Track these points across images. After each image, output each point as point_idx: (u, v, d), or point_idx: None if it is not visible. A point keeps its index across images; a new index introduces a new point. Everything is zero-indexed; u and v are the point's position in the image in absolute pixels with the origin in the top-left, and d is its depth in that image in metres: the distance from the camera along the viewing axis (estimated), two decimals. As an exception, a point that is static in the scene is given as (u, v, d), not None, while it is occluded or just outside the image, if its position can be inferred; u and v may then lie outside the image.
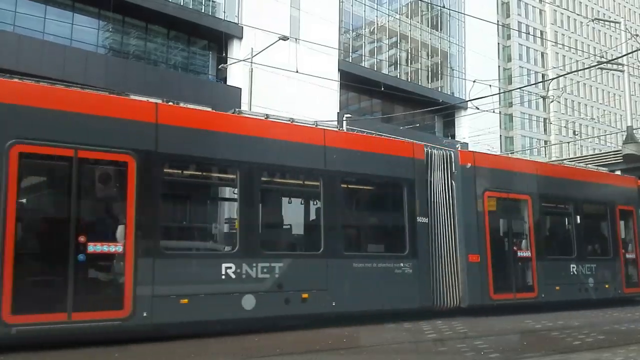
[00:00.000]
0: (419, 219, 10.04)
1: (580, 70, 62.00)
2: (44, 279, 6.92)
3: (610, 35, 74.47)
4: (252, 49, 22.76)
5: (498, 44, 58.66)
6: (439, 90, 41.99)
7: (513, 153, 49.31)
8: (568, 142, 62.10)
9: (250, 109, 23.96)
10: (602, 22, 63.07)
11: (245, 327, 8.01)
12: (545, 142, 67.87)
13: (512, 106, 64.83)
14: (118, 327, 7.08)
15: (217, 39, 28.85)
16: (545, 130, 69.67)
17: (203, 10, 29.55)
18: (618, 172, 19.31)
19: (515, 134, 66.48)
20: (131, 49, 27.83)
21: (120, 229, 7.36)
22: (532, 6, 72.71)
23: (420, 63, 41.59)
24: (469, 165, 10.92)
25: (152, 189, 7.62)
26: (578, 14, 73.95)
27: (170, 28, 28.31)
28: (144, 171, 7.46)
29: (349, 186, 9.95)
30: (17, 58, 20.55)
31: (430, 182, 10.39)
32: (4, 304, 6.37)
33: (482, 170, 11.15)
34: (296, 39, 24.05)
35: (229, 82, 28.85)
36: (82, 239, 6.95)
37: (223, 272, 7.96)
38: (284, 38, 21.62)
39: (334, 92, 32.72)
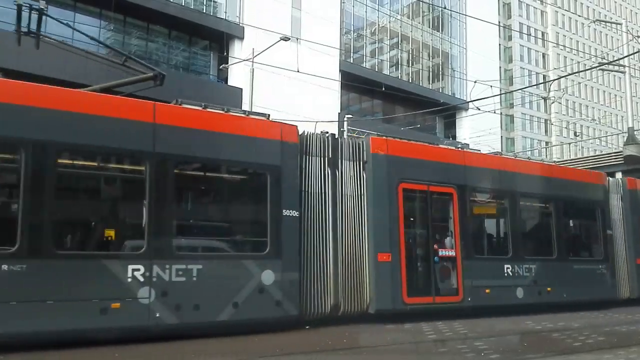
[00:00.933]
0: (608, 231, 13.33)
1: (582, 71, 62.01)
2: (420, 274, 10.19)
3: (612, 37, 74.56)
4: (253, 49, 22.79)
5: (499, 45, 58.63)
6: (440, 91, 41.99)
7: (514, 154, 49.26)
8: (569, 143, 62.09)
9: (251, 109, 24.05)
10: (603, 23, 63.19)
11: (518, 311, 10.70)
12: (547, 143, 67.80)
13: (513, 107, 64.85)
14: (455, 308, 10.25)
15: (218, 39, 28.87)
16: (546, 131, 69.61)
17: (204, 11, 29.57)
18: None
19: (516, 135, 66.48)
20: (132, 49, 27.80)
21: (448, 239, 10.63)
22: (534, 7, 72.68)
23: (422, 64, 41.58)
24: (635, 189, 14.08)
25: (466, 211, 10.84)
26: (579, 15, 73.93)
27: (172, 28, 28.32)
28: (461, 198, 10.73)
29: (567, 208, 12.94)
30: (17, 57, 20.53)
31: (610, 203, 13.68)
32: (403, 290, 9.61)
33: None
34: (297, 40, 24.04)
35: (230, 82, 28.88)
36: (436, 246, 10.35)
37: (505, 271, 11.09)
38: (285, 38, 21.65)
39: (335, 93, 32.74)
